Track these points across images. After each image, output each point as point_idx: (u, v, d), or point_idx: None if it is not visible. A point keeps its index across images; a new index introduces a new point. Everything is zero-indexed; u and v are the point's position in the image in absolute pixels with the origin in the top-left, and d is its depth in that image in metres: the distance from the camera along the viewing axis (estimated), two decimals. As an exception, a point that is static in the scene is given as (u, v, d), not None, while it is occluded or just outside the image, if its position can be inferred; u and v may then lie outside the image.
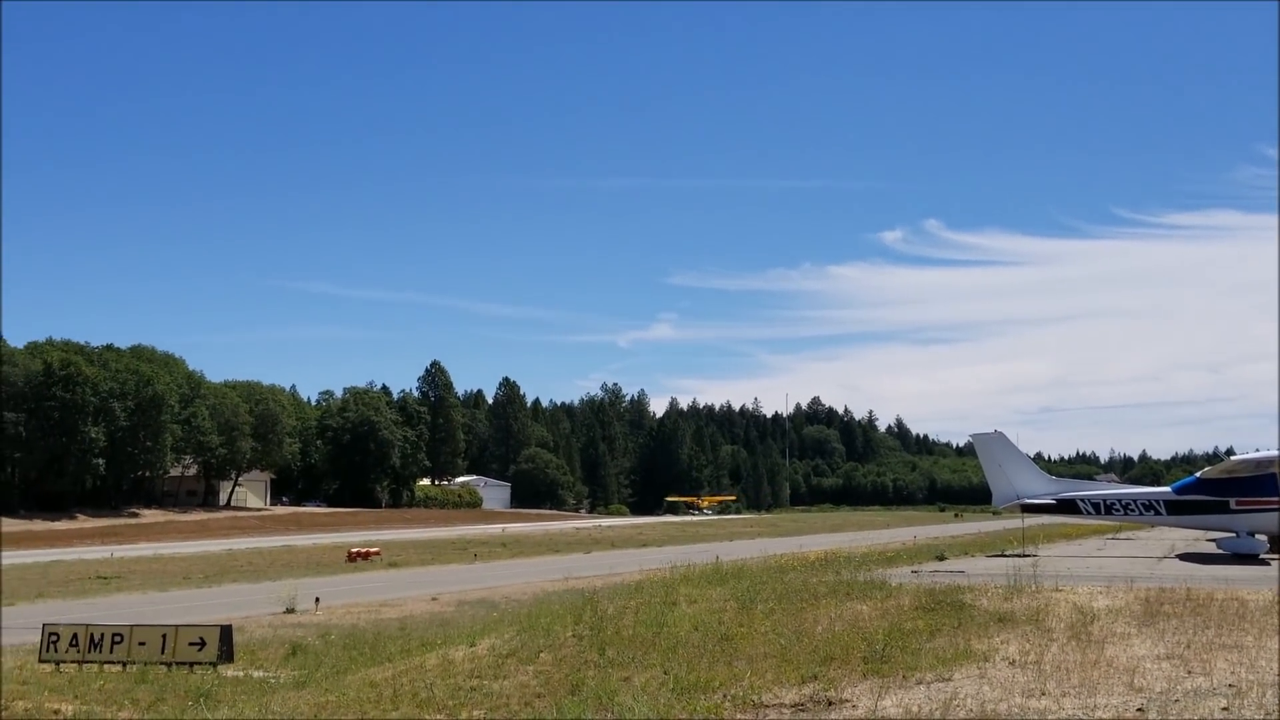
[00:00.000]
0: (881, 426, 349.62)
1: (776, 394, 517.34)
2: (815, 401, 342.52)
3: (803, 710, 12.59)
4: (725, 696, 13.47)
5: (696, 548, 68.84)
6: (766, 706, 12.90)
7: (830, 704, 12.81)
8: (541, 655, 18.43)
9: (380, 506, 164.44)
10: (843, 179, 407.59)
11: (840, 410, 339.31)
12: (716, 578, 27.06)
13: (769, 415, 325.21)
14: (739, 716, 12.48)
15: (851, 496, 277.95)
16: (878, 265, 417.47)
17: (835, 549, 47.49)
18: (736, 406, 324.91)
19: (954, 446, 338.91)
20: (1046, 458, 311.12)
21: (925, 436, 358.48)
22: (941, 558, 40.16)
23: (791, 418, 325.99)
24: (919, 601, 20.19)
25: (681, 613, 20.55)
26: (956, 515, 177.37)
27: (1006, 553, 42.86)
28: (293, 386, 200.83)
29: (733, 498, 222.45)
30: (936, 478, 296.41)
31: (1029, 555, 39.19)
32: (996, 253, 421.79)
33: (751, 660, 15.77)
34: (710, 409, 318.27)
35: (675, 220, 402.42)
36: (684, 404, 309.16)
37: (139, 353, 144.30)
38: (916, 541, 68.25)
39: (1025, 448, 64.63)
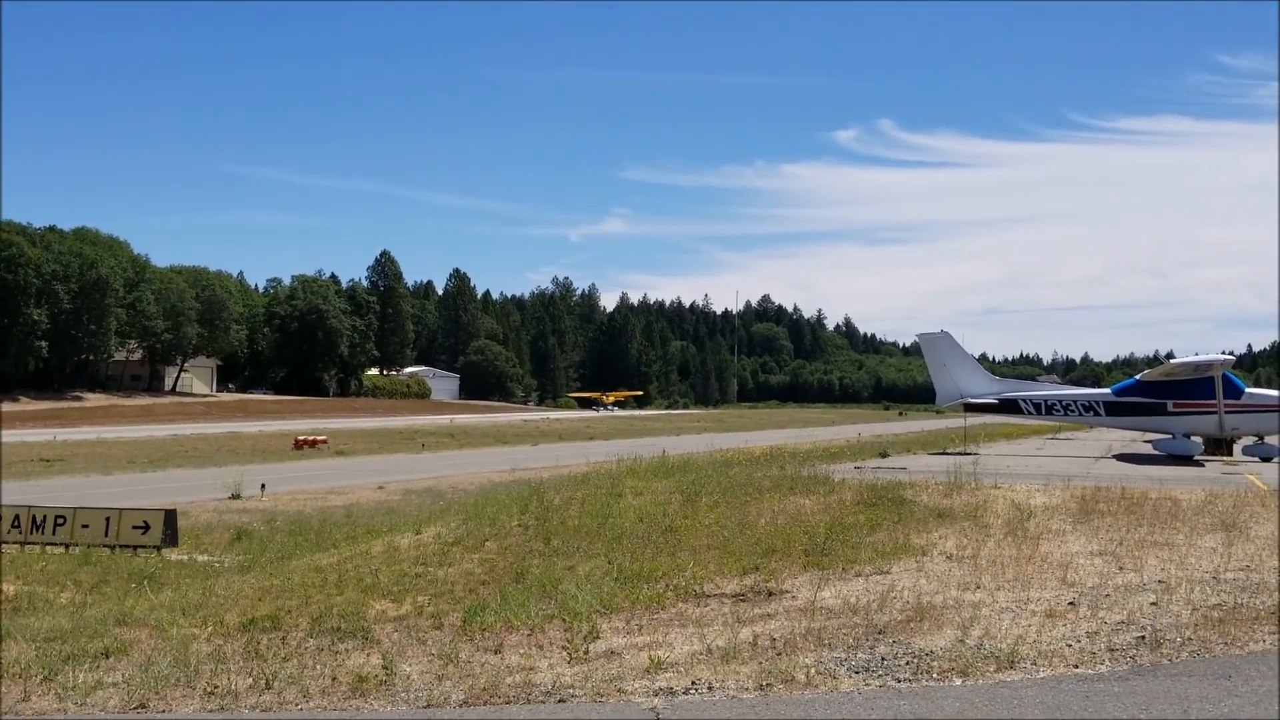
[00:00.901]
0: (830, 325, 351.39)
1: (727, 291, 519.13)
2: (765, 299, 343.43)
3: (743, 600, 12.78)
4: (668, 586, 13.64)
5: (643, 441, 69.21)
6: (708, 596, 13.08)
7: (770, 594, 13.00)
8: (487, 544, 18.55)
9: (328, 395, 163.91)
10: (798, 76, 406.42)
11: (790, 308, 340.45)
12: (662, 471, 27.22)
13: (719, 312, 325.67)
14: (681, 605, 12.65)
15: (798, 394, 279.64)
16: (831, 164, 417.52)
17: (780, 445, 47.91)
18: (687, 303, 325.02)
19: (900, 346, 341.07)
20: (991, 359, 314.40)
21: (873, 336, 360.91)
22: (884, 455, 40.64)
23: (741, 315, 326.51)
24: (860, 497, 20.45)
25: (627, 504, 20.71)
26: (901, 414, 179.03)
27: (948, 451, 43.42)
28: (240, 273, 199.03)
29: (638, 393, 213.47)
30: (882, 377, 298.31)
31: (970, 454, 39.73)
32: (949, 154, 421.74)
33: (695, 551, 15.95)
34: (661, 305, 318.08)
35: (630, 114, 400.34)
36: (634, 299, 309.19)
37: (83, 235, 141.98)
38: (861, 439, 68.96)
39: (970, 349, 65.25)
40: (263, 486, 40.12)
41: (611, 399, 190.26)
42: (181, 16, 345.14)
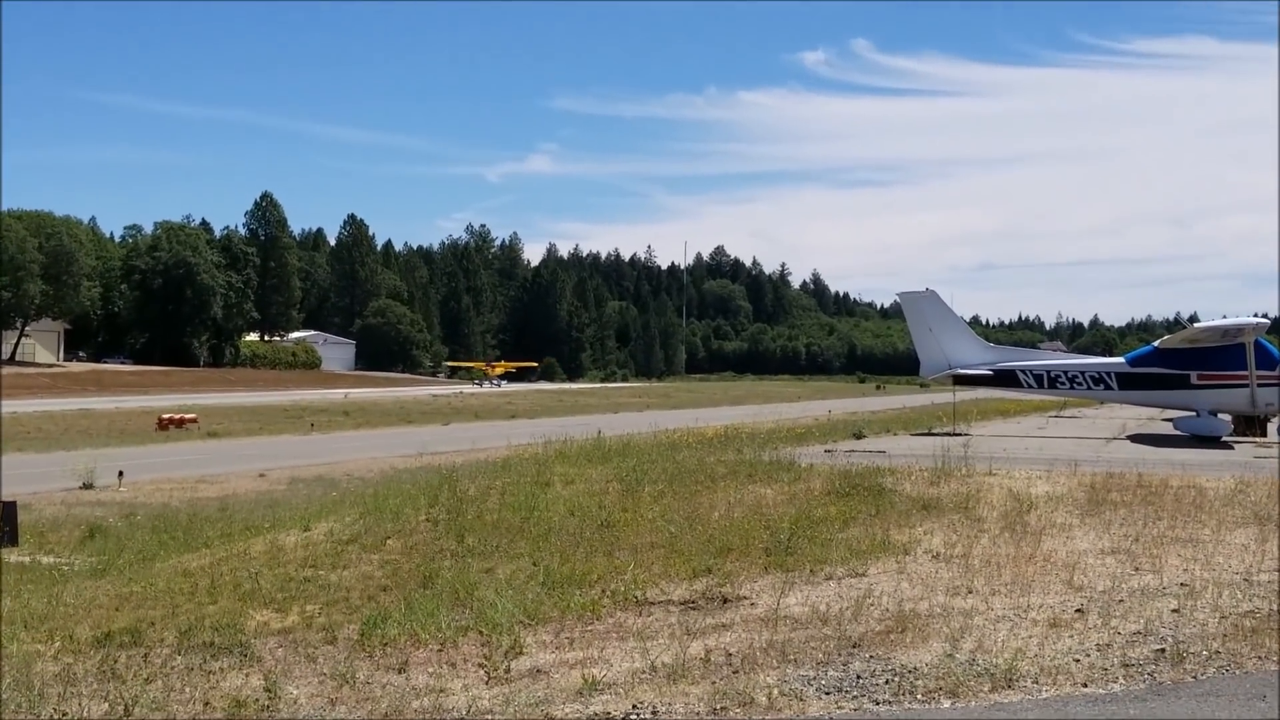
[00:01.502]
0: (795, 283, 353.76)
1: (674, 242, 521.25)
2: (719, 252, 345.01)
3: (694, 608, 12.80)
4: (604, 591, 13.65)
5: (575, 420, 69.28)
6: (652, 604, 13.10)
7: (726, 601, 13.03)
8: (389, 542, 18.53)
9: (198, 365, 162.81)
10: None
11: (748, 263, 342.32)
12: (597, 455, 27.26)
13: (664, 267, 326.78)
14: (620, 614, 12.66)
15: (758, 363, 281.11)
16: (796, 92, 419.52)
17: (737, 424, 48.01)
18: (626, 256, 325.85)
19: (878, 308, 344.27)
20: (984, 322, 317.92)
21: (845, 295, 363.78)
22: (859, 435, 40.83)
23: (691, 270, 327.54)
24: (832, 485, 20.55)
25: (555, 495, 20.73)
26: (878, 387, 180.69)
27: (934, 430, 43.74)
28: (92, 219, 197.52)
29: (534, 364, 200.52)
30: (857, 343, 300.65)
31: (960, 434, 40.04)
32: (935, 80, 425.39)
33: (636, 550, 15.98)
34: (595, 258, 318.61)
35: (558, 33, 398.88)
36: (564, 251, 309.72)
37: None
38: (831, 417, 69.35)
39: (961, 310, 65.72)
40: (120, 474, 39.84)
41: (499, 370, 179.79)
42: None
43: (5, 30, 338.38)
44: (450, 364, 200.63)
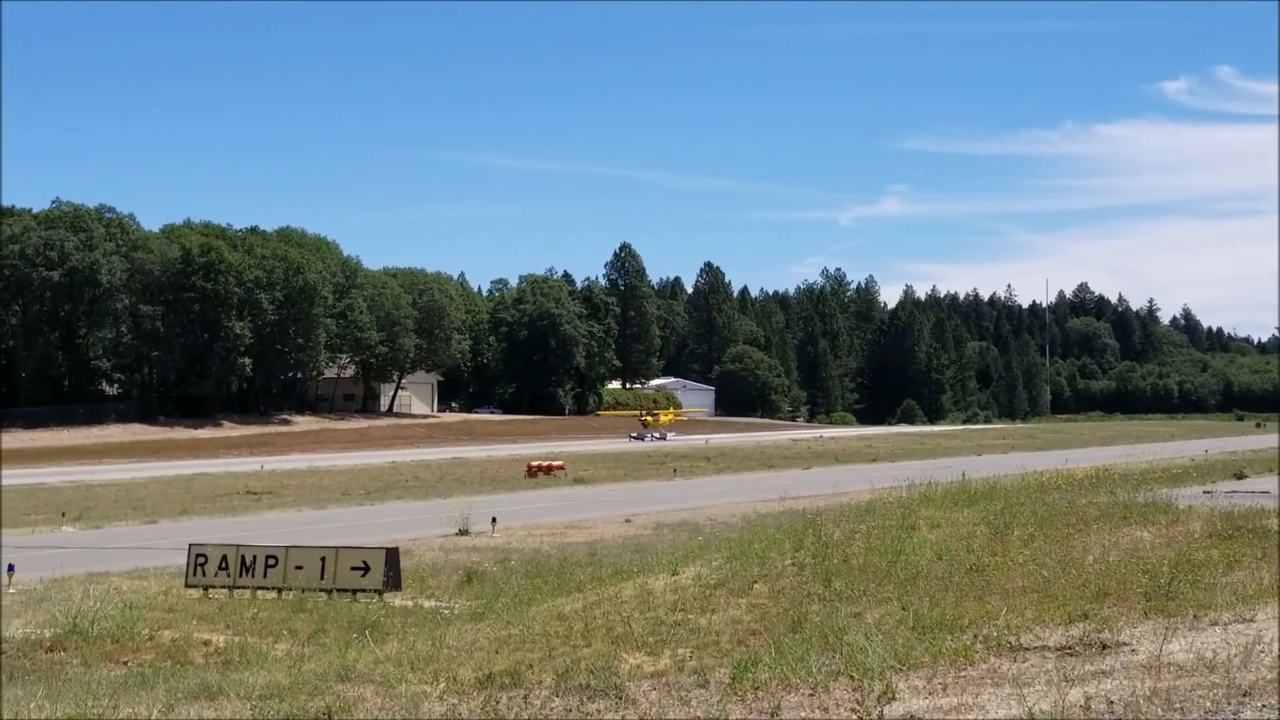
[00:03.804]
0: (1164, 318, 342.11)
1: (1034, 280, 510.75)
2: (1082, 289, 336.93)
3: (1071, 654, 12.48)
4: (976, 637, 13.42)
5: (937, 463, 68.41)
6: (1026, 650, 12.82)
7: (1105, 647, 12.66)
8: (756, 586, 18.60)
9: (563, 413, 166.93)
10: (1112, 18, 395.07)
11: (1113, 299, 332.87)
12: (963, 498, 26.85)
13: (1025, 306, 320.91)
14: (994, 660, 12.44)
15: (1126, 403, 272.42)
16: (1157, 123, 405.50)
17: (1108, 465, 46.58)
18: (985, 295, 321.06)
19: (1255, 342, 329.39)
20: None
21: (1218, 330, 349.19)
22: (1240, 475, 39.26)
23: (1053, 308, 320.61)
24: (1213, 527, 19.80)
25: (921, 538, 20.51)
26: (1259, 424, 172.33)
27: (1323, 470, 41.58)
28: (461, 274, 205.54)
29: (701, 410, 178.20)
30: (1233, 380, 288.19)
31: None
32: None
33: (1007, 595, 15.68)
34: (953, 298, 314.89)
35: (908, 72, 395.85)
36: (921, 293, 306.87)
37: (287, 236, 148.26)
38: (1209, 456, 66.55)
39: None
40: (494, 520, 41.06)
41: (667, 419, 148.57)
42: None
43: (390, 101, 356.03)
44: (606, 411, 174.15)
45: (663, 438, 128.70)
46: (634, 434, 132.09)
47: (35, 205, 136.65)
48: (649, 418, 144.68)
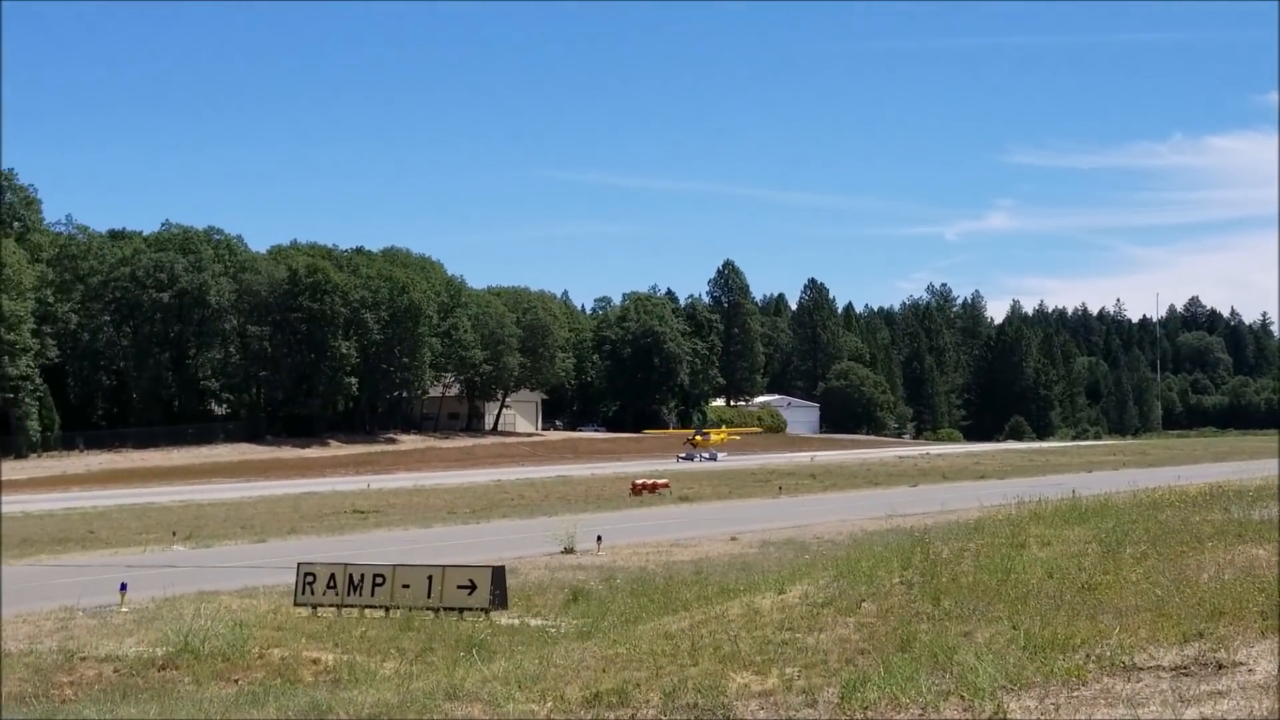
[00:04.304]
0: (1278, 331, 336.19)
1: (1144, 294, 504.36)
2: (1194, 303, 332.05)
3: (1186, 674, 12.31)
4: (1089, 656, 13.28)
5: (1047, 480, 67.64)
6: (1140, 669, 12.67)
7: (1220, 667, 12.48)
8: (864, 605, 18.50)
9: (667, 430, 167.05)
10: (1223, 28, 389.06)
11: (1226, 313, 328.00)
12: (1074, 515, 26.54)
13: (1135, 320, 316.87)
14: (1107, 679, 12.30)
15: (1241, 418, 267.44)
16: (1267, 133, 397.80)
17: (1222, 481, 45.81)
18: (1094, 310, 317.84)
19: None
20: None
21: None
22: (1360, 492, 38.41)
23: (1164, 323, 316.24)
24: (1333, 545, 19.43)
25: (1032, 556, 20.30)
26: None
27: None
28: (564, 293, 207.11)
29: (756, 429, 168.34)
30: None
31: None
32: None
33: (1120, 614, 15.48)
34: (1061, 313, 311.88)
35: (1013, 85, 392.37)
36: (1028, 308, 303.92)
37: (392, 256, 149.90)
38: (1327, 473, 65.29)
39: None
40: (599, 539, 41.14)
41: (718, 438, 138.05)
42: (483, 15, 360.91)
43: (493, 121, 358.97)
44: (651, 432, 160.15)
45: (713, 458, 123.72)
46: (681, 454, 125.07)
47: (146, 228, 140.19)
48: (698, 437, 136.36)
